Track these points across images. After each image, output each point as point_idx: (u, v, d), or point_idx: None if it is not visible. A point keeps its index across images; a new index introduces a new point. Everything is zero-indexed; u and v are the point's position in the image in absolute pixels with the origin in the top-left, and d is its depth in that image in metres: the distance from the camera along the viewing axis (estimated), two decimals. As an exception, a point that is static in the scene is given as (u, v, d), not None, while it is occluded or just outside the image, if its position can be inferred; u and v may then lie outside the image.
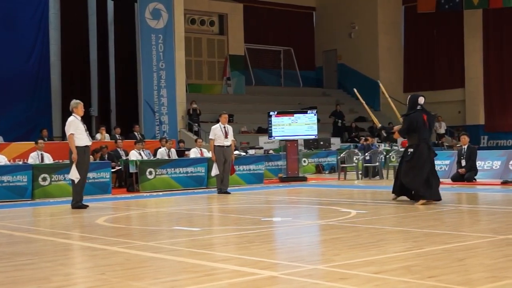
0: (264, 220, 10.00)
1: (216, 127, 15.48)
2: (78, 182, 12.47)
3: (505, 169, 17.08)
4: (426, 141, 11.37)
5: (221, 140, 15.32)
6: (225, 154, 15.36)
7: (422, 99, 11.43)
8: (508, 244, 6.90)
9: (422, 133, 11.30)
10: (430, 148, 11.45)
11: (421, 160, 11.18)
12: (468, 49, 29.38)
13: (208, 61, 30.55)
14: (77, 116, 12.58)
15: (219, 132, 15.36)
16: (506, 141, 28.21)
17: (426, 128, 11.35)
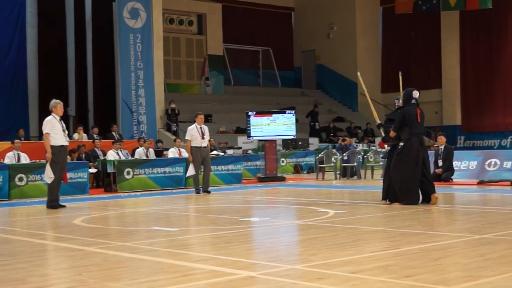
0: (242, 220, 10.00)
1: (192, 128, 15.45)
2: (53, 182, 12.38)
3: (481, 169, 17.22)
4: (418, 136, 11.11)
5: (198, 141, 15.30)
6: (202, 154, 15.35)
7: (417, 93, 11.23)
8: (484, 243, 6.95)
9: (414, 127, 11.05)
10: (423, 144, 11.21)
11: (411, 155, 10.95)
12: (445, 50, 29.59)
13: (187, 61, 30.50)
14: (56, 116, 12.48)
15: (195, 133, 15.33)
16: (482, 141, 28.45)
17: (418, 122, 11.11)
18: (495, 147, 27.25)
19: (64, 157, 12.67)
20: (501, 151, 19.36)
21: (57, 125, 12.42)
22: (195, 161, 15.27)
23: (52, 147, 12.28)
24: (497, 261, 5.92)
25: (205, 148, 15.46)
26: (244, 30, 32.94)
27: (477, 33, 28.60)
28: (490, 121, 28.21)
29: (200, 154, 15.32)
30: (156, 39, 24.38)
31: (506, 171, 16.71)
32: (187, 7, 30.19)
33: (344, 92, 32.71)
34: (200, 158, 15.32)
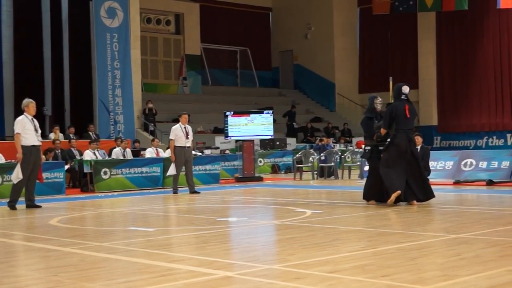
0: (219, 220, 9.99)
1: (177, 128, 15.31)
2: (20, 183, 12.23)
3: (457, 169, 17.35)
4: (406, 133, 10.87)
5: (182, 141, 15.15)
6: (186, 154, 15.19)
7: (407, 88, 10.98)
8: (460, 243, 7.01)
9: (401, 123, 10.83)
10: (411, 140, 10.95)
11: (397, 150, 10.73)
12: (421, 51, 29.78)
13: (164, 61, 30.41)
14: (28, 116, 12.33)
15: (180, 132, 15.18)
16: (458, 141, 28.65)
17: (407, 118, 10.84)
18: (471, 147, 27.46)
19: (37, 157, 12.42)
20: (477, 151, 19.52)
21: (29, 124, 12.24)
22: (178, 161, 15.13)
23: (22, 147, 12.13)
24: (473, 260, 5.97)
25: (189, 149, 15.33)
26: (222, 30, 32.91)
27: (453, 34, 28.82)
28: (466, 122, 28.43)
29: (183, 154, 15.16)
30: (133, 39, 24.27)
31: (482, 171, 16.85)
32: (165, 6, 30.10)
33: (322, 92, 32.80)
34: (183, 158, 15.17)
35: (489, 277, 5.23)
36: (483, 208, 10.90)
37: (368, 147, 11.73)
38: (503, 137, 27.38)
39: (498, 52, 27.47)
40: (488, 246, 6.71)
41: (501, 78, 27.39)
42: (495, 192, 13.68)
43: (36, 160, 12.40)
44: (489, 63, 27.70)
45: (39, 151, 12.58)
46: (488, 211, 10.30)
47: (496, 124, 27.60)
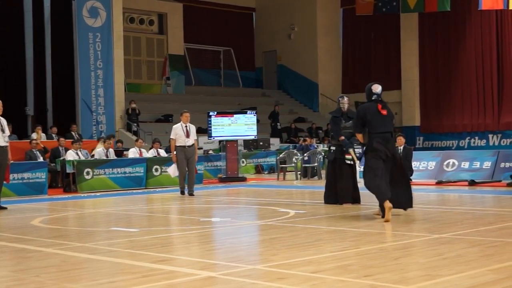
0: (203, 220, 9.98)
1: (177, 127, 14.85)
2: None
3: (439, 170, 17.45)
4: (382, 136, 9.44)
5: (183, 140, 14.63)
6: (187, 154, 14.71)
7: (378, 87, 9.71)
8: (442, 243, 7.05)
9: (374, 126, 9.48)
10: (389, 143, 9.52)
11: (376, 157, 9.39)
12: (404, 52, 29.89)
13: (147, 61, 30.32)
14: None
15: (180, 131, 14.69)
16: (440, 142, 28.80)
17: (381, 119, 9.49)
18: (453, 148, 27.62)
19: (3, 158, 12.15)
20: (459, 152, 19.64)
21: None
22: (179, 161, 14.64)
23: None
24: (455, 260, 6.00)
25: (190, 148, 14.74)
26: (205, 30, 32.86)
27: (436, 35, 28.96)
28: (449, 122, 28.58)
29: (184, 154, 14.68)
30: (116, 39, 24.19)
31: (464, 172, 16.96)
32: (148, 6, 30.02)
33: (305, 92, 32.86)
34: (184, 157, 14.65)
35: (471, 277, 5.27)
36: (465, 208, 10.97)
37: (333, 147, 11.59)
38: (485, 138, 27.57)
39: (480, 53, 27.65)
40: (470, 246, 6.75)
41: (483, 79, 27.57)
42: (477, 192, 13.76)
43: (2, 161, 12.18)
44: (471, 64, 27.88)
45: (6, 152, 12.27)
46: (470, 211, 10.37)
47: (478, 125, 27.77)
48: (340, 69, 32.59)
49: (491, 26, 27.34)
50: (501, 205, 11.48)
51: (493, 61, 27.34)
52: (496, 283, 5.03)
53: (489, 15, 27.11)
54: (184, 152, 14.72)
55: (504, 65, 27.05)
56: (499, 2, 24.03)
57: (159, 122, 26.81)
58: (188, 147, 14.74)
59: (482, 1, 24.29)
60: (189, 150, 14.76)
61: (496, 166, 16.69)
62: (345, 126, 11.49)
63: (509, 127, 26.93)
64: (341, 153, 11.35)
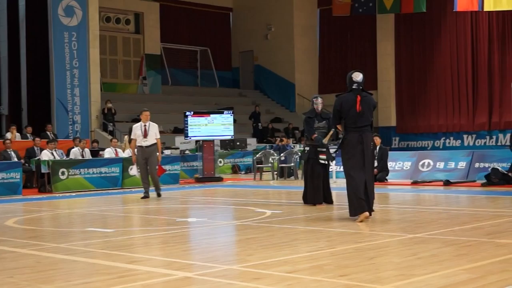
0: (179, 220, 9.96)
1: (136, 126, 14.37)
2: None
3: (415, 170, 17.57)
4: (358, 131, 9.09)
5: (140, 140, 14.12)
6: (144, 154, 14.07)
7: (359, 74, 9.24)
8: (416, 242, 7.10)
9: (351, 119, 9.14)
10: (364, 141, 9.10)
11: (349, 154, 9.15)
12: (380, 52, 30.06)
13: (124, 60, 30.19)
14: None
15: (138, 131, 14.19)
16: (416, 142, 28.99)
17: (358, 112, 9.10)
18: (429, 148, 27.83)
19: None
20: (434, 152, 19.79)
21: None
22: (137, 162, 14.15)
23: None
24: (429, 259, 6.06)
25: (148, 148, 14.10)
26: (182, 29, 32.80)
27: (412, 36, 29.15)
28: (424, 123, 28.79)
29: (141, 154, 14.07)
30: (92, 38, 24.06)
31: (439, 172, 17.10)
32: (124, 5, 29.89)
33: (282, 93, 32.91)
34: (142, 159, 14.06)
35: (445, 276, 5.32)
36: (440, 208, 11.06)
37: (307, 147, 11.61)
38: (459, 138, 27.80)
39: (455, 53, 27.88)
40: (444, 246, 6.81)
41: (458, 79, 27.80)
42: (452, 192, 13.87)
43: None
44: (446, 65, 28.10)
45: None
46: (445, 211, 10.45)
47: (453, 125, 28.01)
48: (316, 70, 32.69)
49: (466, 28, 27.58)
50: (475, 205, 11.58)
51: (468, 62, 27.58)
52: (470, 283, 5.08)
53: (464, 17, 27.35)
54: (142, 152, 14.08)
55: (478, 66, 27.29)
56: (474, 4, 24.26)
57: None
58: (146, 147, 14.08)
59: (457, 3, 24.50)
60: (147, 150, 14.08)
61: (470, 166, 16.85)
62: (319, 127, 11.47)
63: (483, 128, 27.20)
64: (315, 153, 11.38)
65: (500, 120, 26.57)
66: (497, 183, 14.66)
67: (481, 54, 27.24)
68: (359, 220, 8.94)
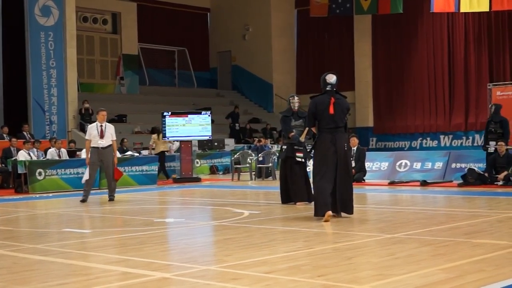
0: (157, 221, 9.93)
1: (92, 126, 13.70)
2: None
3: (392, 170, 17.66)
4: (331, 132, 9.17)
5: (95, 141, 13.45)
6: (100, 156, 13.46)
7: (332, 76, 9.39)
8: (394, 242, 7.13)
9: (324, 121, 9.21)
10: (337, 142, 9.15)
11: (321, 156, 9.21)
12: (358, 53, 30.17)
13: (101, 60, 30.03)
14: None
15: (94, 131, 13.49)
16: (393, 143, 29.12)
17: (331, 114, 9.18)
18: (406, 149, 27.95)
19: None
20: (411, 153, 19.91)
21: None
22: (92, 164, 13.45)
23: None
24: (406, 259, 6.08)
25: (105, 150, 13.50)
26: (159, 29, 32.68)
27: (389, 37, 29.28)
28: (401, 123, 28.93)
29: (97, 156, 13.46)
30: (69, 38, 23.90)
31: (416, 172, 17.20)
32: (102, 5, 29.72)
33: (260, 93, 32.92)
34: (97, 161, 13.50)
35: (423, 276, 5.34)
36: (417, 208, 11.11)
37: (284, 146, 11.66)
38: (436, 139, 27.97)
39: (432, 54, 28.05)
40: (421, 246, 6.85)
41: (435, 80, 27.97)
42: (428, 193, 13.96)
43: None
44: (423, 65, 28.26)
45: None
46: (422, 211, 10.51)
47: (430, 126, 28.17)
48: (294, 70, 32.73)
49: (442, 29, 27.77)
50: (452, 205, 11.66)
51: (444, 63, 27.76)
52: (447, 282, 5.10)
53: (441, 18, 27.53)
54: (97, 153, 13.46)
55: (454, 67, 27.48)
56: (451, 5, 24.44)
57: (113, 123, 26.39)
58: (102, 149, 13.48)
59: (434, 4, 24.66)
60: (103, 152, 13.48)
61: (447, 166, 16.98)
62: (295, 125, 11.57)
63: (460, 128, 27.38)
64: (292, 151, 11.42)
65: (477, 120, 26.76)
66: (473, 183, 14.77)
67: (458, 54, 27.44)
68: (324, 220, 8.93)
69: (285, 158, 11.54)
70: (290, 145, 11.48)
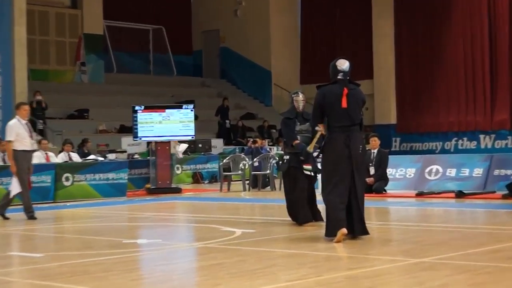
0: (126, 242, 9.90)
1: (16, 124, 12.94)
2: None
3: (420, 178, 17.62)
4: (344, 130, 9.09)
5: (27, 142, 12.93)
6: (29, 162, 13.14)
7: (344, 62, 9.35)
8: (423, 269, 7.11)
9: (335, 117, 9.13)
10: (352, 141, 9.10)
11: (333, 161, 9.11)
12: (377, 33, 30.15)
13: (57, 41, 30.00)
14: None
15: (21, 130, 12.88)
16: (421, 144, 29.13)
17: (343, 109, 9.10)
18: (437, 151, 27.99)
19: None
20: (444, 156, 19.92)
21: None
22: (21, 172, 12.87)
23: None
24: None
25: (31, 153, 13.34)
26: (130, 4, 32.71)
27: (415, 13, 29.29)
28: (431, 120, 28.92)
29: (26, 161, 13.03)
30: (17, 14, 23.82)
31: (450, 181, 17.17)
32: (58, -26, 29.78)
33: (255, 82, 32.93)
34: (26, 168, 13.02)
35: (459, 311, 5.32)
36: (451, 226, 11.10)
37: (286, 156, 11.26)
38: (475, 139, 27.99)
39: (469, 35, 28.02)
40: (456, 273, 6.83)
41: (473, 67, 27.97)
42: (465, 206, 13.95)
43: None
44: (458, 50, 28.23)
45: None
46: (457, 229, 10.50)
47: (466, 123, 28.16)
48: (298, 54, 32.74)
49: (481, 3, 27.77)
50: (494, 222, 11.66)
51: (484, 46, 27.75)
52: (489, 319, 5.09)
53: (480, -10, 27.59)
54: (26, 158, 13.04)
55: (497, 52, 27.47)
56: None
57: (72, 119, 26.56)
58: (30, 152, 13.22)
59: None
60: (30, 156, 13.30)
61: (488, 173, 16.95)
62: (301, 130, 11.14)
63: (503, 126, 27.40)
64: (297, 161, 11.09)
65: (525, 117, 26.86)
66: (521, 194, 14.77)
67: (501, 36, 27.44)
68: (336, 240, 8.82)
69: (287, 169, 11.24)
70: (294, 154, 11.16)
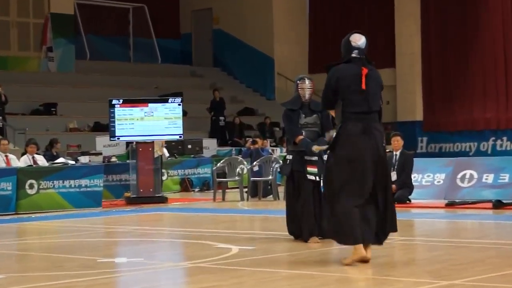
0: (101, 261, 9.93)
1: None
2: None
3: (451, 185, 17.63)
4: (361, 119, 8.86)
5: None
6: None
7: (360, 37, 9.14)
8: (454, 293, 7.15)
9: (350, 102, 8.88)
10: (374, 131, 8.92)
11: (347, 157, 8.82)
12: (400, 14, 30.17)
13: (19, 23, 30.04)
14: None
15: None
16: (453, 144, 29.13)
17: (362, 91, 8.89)
18: (471, 154, 27.99)
19: None
20: (480, 159, 19.91)
21: None
22: None
23: None
24: (473, 318, 6.11)
25: None
26: (106, -23, 32.81)
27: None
28: (464, 116, 28.94)
29: None
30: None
31: (487, 188, 17.18)
32: None
33: (255, 71, 32.92)
34: None
35: None
36: (487, 241, 11.12)
37: (289, 156, 11.26)
38: (516, 139, 28.03)
39: (510, 17, 28.05)
40: (494, 298, 6.87)
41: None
42: (505, 219, 13.99)
43: None
44: (497, 33, 28.25)
45: None
46: (494, 246, 10.51)
47: (506, 120, 28.16)
48: (306, 39, 32.76)
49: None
50: (539, 237, 11.69)
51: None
52: None
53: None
54: None
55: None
56: None
57: (37, 115, 26.55)
58: None
59: None
60: None
61: (532, 180, 16.99)
62: (306, 123, 11.10)
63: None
64: (301, 163, 11.06)
65: None
66: None
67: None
68: (348, 261, 8.67)
69: (291, 173, 11.26)
70: (297, 153, 11.17)
